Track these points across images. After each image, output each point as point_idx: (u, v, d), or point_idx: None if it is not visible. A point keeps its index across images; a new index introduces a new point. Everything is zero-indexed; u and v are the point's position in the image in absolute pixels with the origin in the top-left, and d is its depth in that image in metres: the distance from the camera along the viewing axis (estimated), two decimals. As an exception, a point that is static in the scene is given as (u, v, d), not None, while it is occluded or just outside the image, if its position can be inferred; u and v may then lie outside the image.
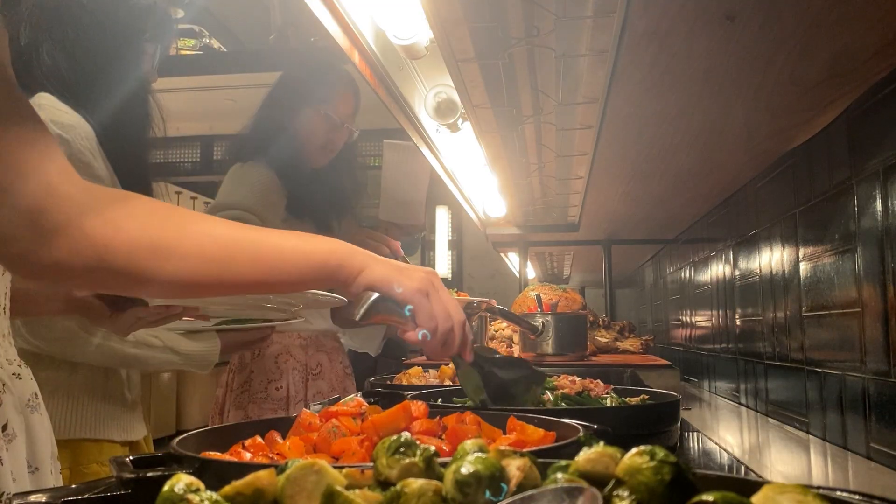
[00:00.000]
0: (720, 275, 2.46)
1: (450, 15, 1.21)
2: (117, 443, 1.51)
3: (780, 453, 1.50)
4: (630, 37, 1.10)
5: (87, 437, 1.45)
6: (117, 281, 0.84)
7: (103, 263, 0.79)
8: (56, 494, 0.57)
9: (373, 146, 3.88)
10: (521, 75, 1.59)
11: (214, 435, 0.86)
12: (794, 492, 0.42)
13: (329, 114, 2.10)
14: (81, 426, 1.45)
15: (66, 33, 1.45)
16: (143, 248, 0.81)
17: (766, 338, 1.93)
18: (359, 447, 0.77)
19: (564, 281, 5.51)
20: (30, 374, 1.06)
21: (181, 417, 4.40)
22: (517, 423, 0.85)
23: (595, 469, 0.48)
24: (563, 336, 2.27)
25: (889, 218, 1.21)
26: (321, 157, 2.15)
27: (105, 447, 1.48)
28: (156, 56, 1.56)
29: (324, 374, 2.16)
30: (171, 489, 0.47)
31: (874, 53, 1.14)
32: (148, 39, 1.54)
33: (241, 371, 2.11)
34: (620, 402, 1.28)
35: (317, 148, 2.13)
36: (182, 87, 3.79)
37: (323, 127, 2.11)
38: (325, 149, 2.14)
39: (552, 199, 2.79)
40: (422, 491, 0.46)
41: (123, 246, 0.80)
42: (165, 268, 0.82)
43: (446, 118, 1.99)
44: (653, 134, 1.66)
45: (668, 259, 3.68)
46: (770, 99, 1.38)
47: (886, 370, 1.23)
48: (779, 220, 1.79)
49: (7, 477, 0.91)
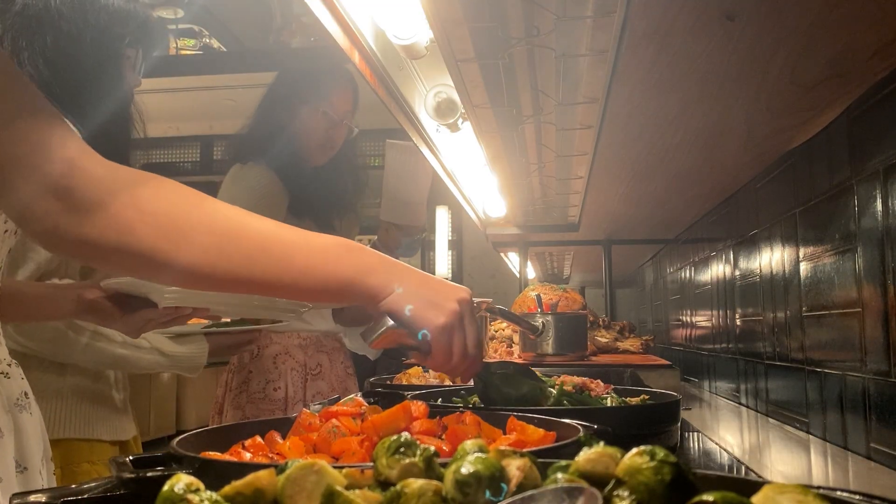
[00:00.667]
0: (720, 275, 2.46)
1: (450, 15, 1.21)
2: (107, 442, 1.52)
3: (780, 453, 1.50)
4: (630, 37, 1.10)
5: (78, 436, 1.46)
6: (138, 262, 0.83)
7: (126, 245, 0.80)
8: (55, 494, 0.57)
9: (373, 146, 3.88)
10: (521, 75, 1.59)
11: (214, 435, 0.86)
12: (794, 492, 0.42)
13: (327, 111, 2.09)
14: (72, 426, 1.46)
15: (46, 41, 1.46)
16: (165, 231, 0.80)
17: (766, 338, 1.93)
18: (359, 447, 0.77)
19: (564, 281, 5.50)
20: (20, 373, 1.06)
21: (181, 417, 4.40)
22: (517, 423, 0.85)
23: (595, 469, 0.47)
24: (563, 336, 2.27)
25: (889, 218, 1.21)
26: (321, 155, 2.15)
27: (96, 447, 1.49)
28: (138, 61, 1.57)
29: (324, 374, 2.16)
30: (171, 489, 0.47)
31: (874, 53, 1.14)
32: (129, 45, 1.55)
33: (240, 371, 2.11)
34: (620, 402, 1.28)
35: (316, 146, 2.13)
36: (182, 87, 3.79)
37: (322, 125, 2.11)
38: (325, 147, 2.14)
39: (552, 199, 2.79)
40: (422, 491, 0.46)
41: (147, 228, 0.80)
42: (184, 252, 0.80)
43: (446, 118, 1.99)
44: (653, 134, 1.66)
45: (668, 259, 3.68)
46: (770, 99, 1.38)
47: (887, 370, 1.23)
48: (779, 220, 1.79)
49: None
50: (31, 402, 1.06)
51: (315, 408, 0.94)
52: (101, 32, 1.50)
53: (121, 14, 1.53)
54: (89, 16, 1.49)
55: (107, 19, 1.51)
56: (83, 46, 1.48)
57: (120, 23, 1.53)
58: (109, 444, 1.53)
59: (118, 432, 1.56)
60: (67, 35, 1.47)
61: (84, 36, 1.48)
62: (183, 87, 3.81)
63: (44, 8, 1.47)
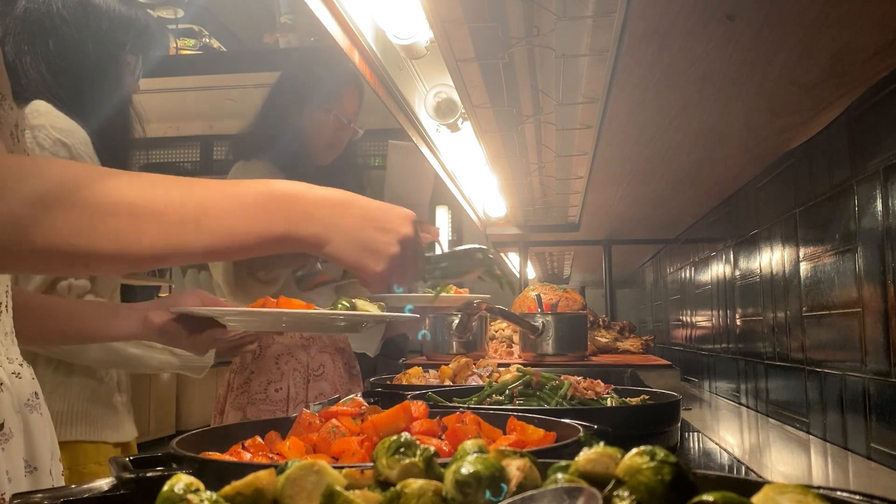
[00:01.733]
0: (720, 275, 2.46)
1: (450, 15, 1.21)
2: (110, 444, 1.53)
3: (780, 453, 1.50)
4: (630, 37, 1.10)
5: (85, 438, 1.47)
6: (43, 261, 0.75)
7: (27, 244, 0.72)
8: (56, 494, 0.57)
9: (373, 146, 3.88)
10: (521, 75, 1.59)
11: (214, 435, 0.86)
12: (794, 492, 0.42)
13: (337, 114, 2.09)
14: (79, 428, 1.47)
15: (49, 46, 1.47)
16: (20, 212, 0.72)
17: (766, 338, 1.93)
18: (359, 447, 0.77)
19: (564, 281, 5.51)
20: (31, 373, 1.06)
21: (181, 417, 4.40)
22: (517, 423, 0.85)
23: (595, 469, 0.47)
24: (563, 336, 2.26)
25: (889, 218, 1.21)
26: (327, 154, 2.15)
27: (102, 448, 1.51)
28: (137, 67, 1.59)
29: (326, 374, 2.15)
30: (171, 489, 0.47)
31: (874, 53, 1.14)
32: (130, 52, 1.56)
33: (242, 372, 2.10)
34: (620, 402, 1.28)
35: (323, 146, 2.13)
36: (182, 87, 3.79)
37: (330, 126, 2.11)
38: (332, 146, 2.14)
39: (552, 199, 2.79)
40: (422, 491, 0.46)
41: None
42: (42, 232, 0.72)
43: (446, 118, 1.99)
44: (653, 134, 1.66)
45: (668, 259, 3.68)
46: (770, 99, 1.38)
47: (887, 370, 1.23)
48: (779, 220, 1.79)
49: (2, 477, 0.91)
50: (42, 403, 1.06)
51: (315, 408, 0.94)
52: (102, 39, 1.52)
53: (122, 21, 1.54)
54: (91, 21, 1.50)
55: (108, 25, 1.52)
56: (85, 52, 1.50)
57: (121, 29, 1.54)
58: (113, 446, 1.54)
59: (121, 434, 1.57)
60: (70, 40, 1.49)
61: (86, 42, 1.50)
62: (183, 87, 3.81)
63: (46, 12, 1.48)
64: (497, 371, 1.60)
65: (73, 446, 1.45)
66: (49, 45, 1.47)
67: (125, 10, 1.55)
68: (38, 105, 1.42)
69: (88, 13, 1.50)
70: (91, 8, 1.51)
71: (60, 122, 1.41)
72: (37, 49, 1.47)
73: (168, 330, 1.20)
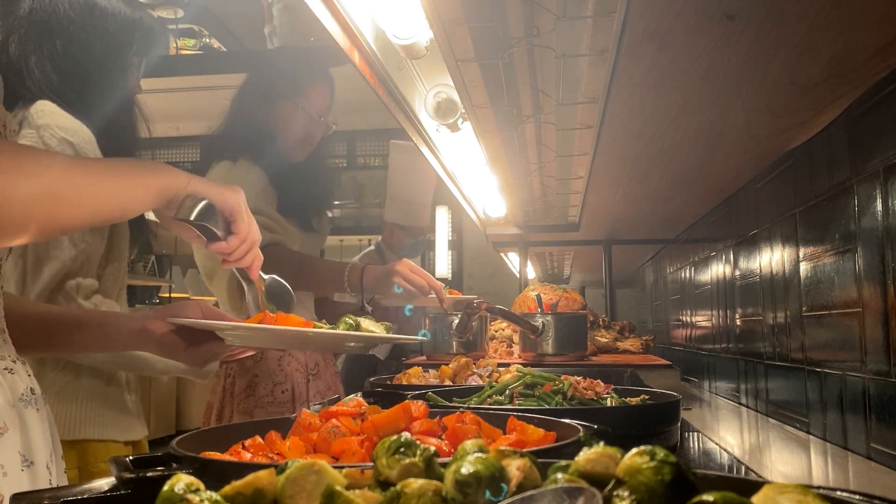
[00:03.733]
0: (720, 275, 2.46)
1: (450, 15, 1.21)
2: (121, 443, 1.54)
3: (780, 453, 1.50)
4: (630, 37, 1.10)
5: (93, 437, 1.48)
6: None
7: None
8: (56, 494, 0.57)
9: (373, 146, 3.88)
10: (521, 75, 1.59)
11: (214, 435, 0.86)
12: (794, 492, 0.42)
13: (305, 108, 2.08)
14: (87, 428, 1.48)
15: (55, 46, 1.47)
16: None
17: (766, 338, 1.93)
18: (359, 447, 0.77)
19: (564, 281, 5.51)
20: (27, 369, 1.06)
21: (181, 417, 4.41)
22: (517, 423, 0.85)
23: (595, 469, 0.48)
24: (563, 336, 2.26)
25: (889, 218, 1.21)
26: (300, 151, 2.14)
27: (111, 447, 1.52)
28: (141, 68, 1.59)
29: (321, 374, 2.16)
30: (171, 489, 0.47)
31: (874, 53, 1.14)
32: (135, 53, 1.56)
33: (243, 375, 2.08)
34: (620, 402, 1.28)
35: (296, 143, 2.12)
36: (182, 87, 3.79)
37: (300, 121, 2.10)
38: (304, 142, 2.13)
39: (552, 199, 2.79)
40: (422, 491, 0.46)
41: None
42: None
43: (446, 118, 1.99)
44: (653, 134, 1.66)
45: (668, 259, 3.68)
46: (770, 99, 1.38)
47: (887, 370, 1.23)
48: (779, 220, 1.79)
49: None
50: (38, 399, 1.06)
51: (315, 408, 0.94)
52: (109, 40, 1.52)
53: (128, 23, 1.55)
54: (98, 23, 1.51)
55: (115, 27, 1.53)
56: (92, 53, 1.50)
57: (128, 31, 1.55)
58: (123, 445, 1.55)
59: (131, 433, 1.58)
60: (77, 42, 1.49)
61: (94, 43, 1.51)
62: (183, 87, 3.81)
63: (52, 13, 1.48)
64: (497, 371, 1.60)
65: (82, 445, 1.46)
66: (56, 46, 1.47)
67: (131, 12, 1.56)
68: (42, 105, 1.43)
69: (95, 14, 1.51)
70: (98, 9, 1.51)
71: (65, 122, 1.42)
72: (43, 49, 1.47)
73: (166, 341, 1.18)
